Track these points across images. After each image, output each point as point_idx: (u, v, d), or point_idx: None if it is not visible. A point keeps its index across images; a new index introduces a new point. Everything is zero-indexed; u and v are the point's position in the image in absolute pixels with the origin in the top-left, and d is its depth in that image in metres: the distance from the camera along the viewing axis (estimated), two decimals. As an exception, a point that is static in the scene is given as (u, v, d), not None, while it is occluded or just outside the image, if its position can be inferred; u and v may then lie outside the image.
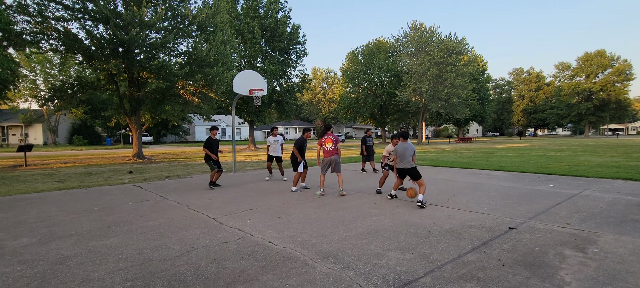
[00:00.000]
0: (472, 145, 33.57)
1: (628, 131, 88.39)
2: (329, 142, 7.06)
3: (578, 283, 2.84)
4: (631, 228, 4.39)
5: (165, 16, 15.86)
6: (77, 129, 42.49)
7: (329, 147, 7.05)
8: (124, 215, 5.45)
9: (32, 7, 13.64)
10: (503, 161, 14.13)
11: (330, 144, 7.05)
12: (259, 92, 11.35)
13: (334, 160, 7.03)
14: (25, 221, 5.13)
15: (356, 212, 5.44)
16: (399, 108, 41.65)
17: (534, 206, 5.73)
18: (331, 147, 7.05)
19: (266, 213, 5.48)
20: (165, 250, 3.74)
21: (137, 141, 18.40)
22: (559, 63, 70.10)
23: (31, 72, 33.65)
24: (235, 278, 3.00)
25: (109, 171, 12.20)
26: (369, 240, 4.03)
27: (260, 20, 28.04)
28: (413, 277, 2.99)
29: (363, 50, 41.70)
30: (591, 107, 55.50)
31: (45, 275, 3.11)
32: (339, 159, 7.07)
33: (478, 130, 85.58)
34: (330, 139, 7.08)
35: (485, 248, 3.69)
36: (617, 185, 7.85)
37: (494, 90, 74.30)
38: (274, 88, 29.46)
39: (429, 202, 6.20)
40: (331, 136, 7.15)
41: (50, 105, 19.27)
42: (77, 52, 15.39)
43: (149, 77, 17.44)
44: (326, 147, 7.06)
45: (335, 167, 7.03)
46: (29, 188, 8.24)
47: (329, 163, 7.03)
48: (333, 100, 71.81)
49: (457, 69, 34.21)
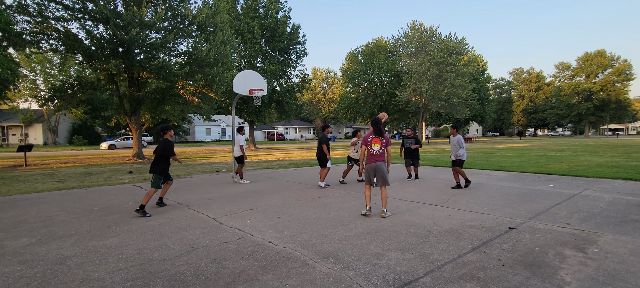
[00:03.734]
0: (472, 145, 33.57)
1: (628, 131, 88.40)
2: (376, 143, 5.23)
3: (578, 283, 2.84)
4: (631, 228, 4.39)
5: (165, 16, 15.86)
6: (77, 129, 42.52)
7: (375, 149, 5.22)
8: (124, 215, 5.45)
9: (32, 7, 13.64)
10: (503, 161, 14.13)
11: (377, 145, 5.23)
12: (259, 92, 11.33)
13: (380, 168, 5.17)
14: (25, 221, 5.12)
15: (356, 212, 5.43)
16: (399, 108, 41.67)
17: (534, 206, 5.73)
18: (379, 149, 5.22)
19: (266, 213, 5.48)
20: (165, 250, 3.74)
21: (137, 141, 18.40)
22: (559, 63, 70.25)
23: (31, 72, 33.68)
24: (235, 278, 3.00)
25: (109, 171, 12.20)
26: (369, 240, 4.03)
27: (260, 20, 28.05)
28: (413, 277, 2.99)
29: (363, 50, 41.72)
30: (591, 107, 55.51)
31: (45, 275, 3.11)
32: (385, 167, 5.22)
33: (478, 130, 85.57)
34: (378, 139, 5.24)
35: (485, 248, 3.68)
36: (617, 185, 7.85)
37: (494, 90, 74.32)
38: (274, 88, 29.48)
39: (429, 202, 6.20)
40: (378, 136, 5.27)
41: (50, 105, 19.29)
42: (77, 52, 15.40)
43: (149, 77, 17.44)
44: (372, 150, 5.23)
45: (380, 179, 5.19)
46: (29, 188, 8.24)
47: (374, 172, 5.21)
48: (333, 100, 71.82)
49: (457, 69, 34.23)
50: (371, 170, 5.21)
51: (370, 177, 5.24)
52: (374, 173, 5.19)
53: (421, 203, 6.03)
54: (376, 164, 5.17)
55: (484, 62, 57.01)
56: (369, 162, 5.23)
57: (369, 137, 5.27)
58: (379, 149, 5.20)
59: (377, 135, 5.24)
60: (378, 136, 5.23)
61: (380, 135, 5.23)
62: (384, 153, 5.20)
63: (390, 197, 6.69)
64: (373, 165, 5.19)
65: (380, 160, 5.18)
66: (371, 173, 5.22)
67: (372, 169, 5.20)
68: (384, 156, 5.20)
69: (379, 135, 5.23)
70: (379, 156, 5.19)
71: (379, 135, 5.23)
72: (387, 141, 5.24)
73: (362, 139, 5.48)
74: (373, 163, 5.19)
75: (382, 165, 5.17)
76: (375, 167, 5.18)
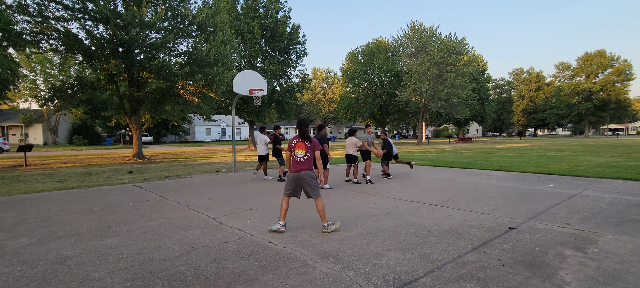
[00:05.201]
0: (472, 145, 33.57)
1: (628, 131, 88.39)
2: (300, 148, 4.47)
3: (578, 283, 2.84)
4: (631, 228, 4.39)
5: (165, 16, 15.86)
6: (77, 129, 42.49)
7: (299, 155, 4.46)
8: (124, 215, 5.45)
9: (32, 7, 13.64)
10: (503, 161, 14.13)
11: (301, 151, 4.46)
12: (259, 92, 11.35)
13: (304, 178, 4.40)
14: (25, 221, 5.12)
15: (356, 212, 5.44)
16: (399, 108, 41.66)
17: (534, 206, 5.73)
18: (303, 156, 4.45)
19: (266, 213, 5.48)
20: (165, 250, 3.74)
21: (137, 141, 18.40)
22: (559, 63, 70.17)
23: (31, 72, 33.64)
24: (235, 278, 3.00)
25: (109, 171, 12.20)
26: (369, 240, 4.03)
27: (260, 20, 28.05)
28: (413, 277, 2.99)
29: (363, 50, 41.69)
30: (591, 107, 55.49)
31: (45, 275, 3.11)
32: (311, 176, 4.44)
33: (478, 130, 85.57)
34: (303, 144, 4.49)
35: (485, 248, 3.69)
36: (617, 185, 7.85)
37: (494, 90, 74.27)
38: (274, 88, 29.47)
39: (429, 202, 6.20)
40: (302, 140, 4.51)
41: (50, 105, 19.31)
42: (77, 52, 15.40)
43: (149, 77, 17.44)
44: (296, 156, 4.47)
45: (309, 190, 4.42)
46: (29, 188, 8.24)
47: (298, 182, 4.44)
48: (333, 100, 71.76)
49: (457, 69, 34.20)
50: (295, 181, 4.42)
51: (293, 189, 4.44)
52: (298, 184, 4.43)
53: (421, 203, 6.03)
54: (300, 174, 4.39)
55: (484, 62, 56.94)
56: (292, 171, 4.45)
57: (293, 142, 4.52)
58: (304, 156, 4.42)
59: (302, 139, 4.49)
60: (303, 140, 4.47)
61: (306, 139, 4.49)
62: (310, 159, 4.46)
63: (390, 197, 6.69)
64: (296, 176, 4.40)
65: (305, 168, 4.41)
66: (294, 184, 4.43)
67: (296, 179, 4.41)
68: (310, 163, 4.46)
69: (304, 140, 4.48)
70: (304, 164, 4.42)
71: (304, 139, 4.48)
72: (314, 145, 4.50)
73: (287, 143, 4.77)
74: (297, 173, 4.40)
75: (308, 174, 4.40)
76: (298, 177, 4.40)
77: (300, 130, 4.55)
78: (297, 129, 4.57)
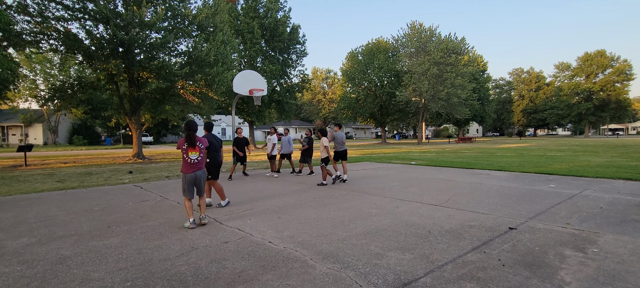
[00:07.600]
0: (472, 145, 33.56)
1: (628, 131, 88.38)
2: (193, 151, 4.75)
3: (578, 283, 2.84)
4: (631, 228, 4.39)
5: (165, 16, 15.86)
6: (77, 129, 42.48)
7: (193, 158, 4.74)
8: (124, 215, 5.45)
9: (32, 7, 13.64)
10: (503, 161, 14.13)
11: (195, 153, 4.75)
12: (259, 92, 11.35)
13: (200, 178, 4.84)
14: (25, 221, 5.12)
15: (356, 212, 5.43)
16: (399, 108, 41.66)
17: (534, 206, 5.73)
18: (197, 157, 4.77)
19: (266, 213, 5.48)
20: (165, 250, 3.75)
21: (137, 141, 18.40)
22: (559, 63, 70.09)
23: (31, 72, 33.66)
24: (235, 278, 3.00)
25: (109, 171, 12.20)
26: (369, 240, 4.03)
27: (260, 20, 28.07)
28: (413, 277, 2.99)
29: (363, 50, 41.70)
30: (591, 107, 55.48)
31: (45, 275, 3.11)
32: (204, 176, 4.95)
33: (478, 130, 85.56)
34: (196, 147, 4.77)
35: (485, 248, 3.68)
36: (617, 185, 7.85)
37: (494, 90, 74.29)
38: (274, 88, 29.50)
39: (429, 202, 6.20)
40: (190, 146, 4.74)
41: (50, 105, 19.29)
42: (77, 52, 15.40)
43: (149, 77, 17.44)
44: (190, 159, 4.74)
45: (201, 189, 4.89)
46: (29, 188, 8.24)
47: (194, 182, 4.80)
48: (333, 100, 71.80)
49: (457, 69, 34.21)
50: (192, 181, 4.74)
51: (191, 189, 4.76)
52: (193, 184, 4.78)
53: (421, 203, 6.03)
54: (195, 174, 4.76)
55: (484, 62, 56.96)
56: (188, 172, 4.71)
57: (184, 145, 4.73)
58: (198, 157, 4.76)
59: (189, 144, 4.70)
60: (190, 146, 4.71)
61: (193, 144, 4.72)
62: (203, 160, 4.86)
63: (390, 197, 6.70)
64: (192, 176, 4.74)
65: (200, 168, 4.83)
66: (192, 184, 4.76)
67: (193, 180, 4.76)
68: (203, 163, 4.87)
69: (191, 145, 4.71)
70: (198, 164, 4.79)
71: (191, 145, 4.71)
72: (203, 145, 4.86)
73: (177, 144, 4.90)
74: (192, 173, 4.73)
75: (203, 174, 4.89)
76: (194, 178, 4.76)
77: (187, 135, 4.71)
78: (186, 132, 4.72)
